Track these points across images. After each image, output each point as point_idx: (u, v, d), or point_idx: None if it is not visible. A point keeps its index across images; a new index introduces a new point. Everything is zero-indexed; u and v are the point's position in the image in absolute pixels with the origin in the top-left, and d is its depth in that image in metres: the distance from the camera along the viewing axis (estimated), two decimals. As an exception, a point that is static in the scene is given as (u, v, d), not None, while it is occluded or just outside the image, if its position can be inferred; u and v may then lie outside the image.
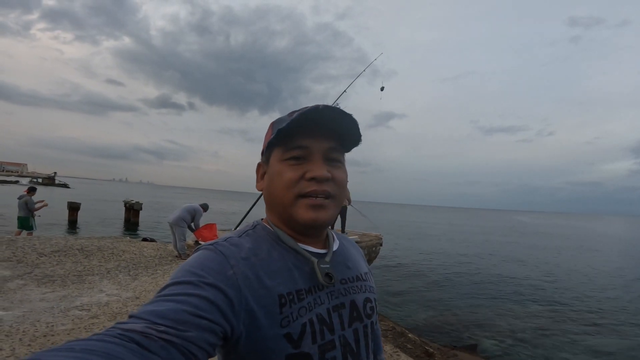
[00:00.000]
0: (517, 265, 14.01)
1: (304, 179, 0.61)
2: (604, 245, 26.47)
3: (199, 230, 8.17)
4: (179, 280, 0.52)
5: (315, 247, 0.67)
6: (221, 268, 0.54)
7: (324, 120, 0.61)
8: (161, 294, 0.50)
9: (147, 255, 7.01)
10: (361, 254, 0.83)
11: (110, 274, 5.50)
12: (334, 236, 0.75)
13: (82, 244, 7.19)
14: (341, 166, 0.66)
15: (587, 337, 6.39)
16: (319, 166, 0.61)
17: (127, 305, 4.23)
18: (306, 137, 0.62)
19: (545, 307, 8.26)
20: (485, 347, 5.78)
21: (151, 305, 0.47)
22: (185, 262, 0.57)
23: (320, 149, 0.63)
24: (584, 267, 14.60)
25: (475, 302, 8.34)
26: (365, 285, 0.72)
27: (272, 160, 0.66)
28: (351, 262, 0.73)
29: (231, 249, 0.58)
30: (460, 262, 14.13)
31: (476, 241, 23.13)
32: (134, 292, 4.70)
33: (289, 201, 0.62)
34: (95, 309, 4.04)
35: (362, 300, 0.68)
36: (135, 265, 6.14)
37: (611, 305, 8.53)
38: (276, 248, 0.63)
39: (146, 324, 0.43)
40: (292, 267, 0.61)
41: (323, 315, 0.60)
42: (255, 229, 0.67)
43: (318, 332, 0.58)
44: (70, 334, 3.29)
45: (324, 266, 0.62)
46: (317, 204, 0.61)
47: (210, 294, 0.50)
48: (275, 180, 0.64)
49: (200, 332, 0.45)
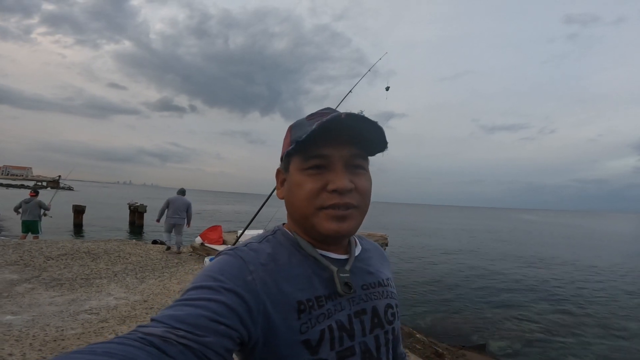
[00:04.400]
0: (525, 265, 13.90)
1: (326, 191, 0.59)
2: (614, 244, 26.16)
3: (205, 232, 8.19)
4: (199, 284, 0.52)
5: (336, 252, 0.66)
6: (240, 273, 0.54)
7: (349, 130, 0.58)
8: (181, 298, 0.50)
9: (154, 257, 7.03)
10: (384, 257, 0.81)
11: (117, 277, 5.50)
12: (357, 241, 0.74)
13: (89, 247, 7.22)
14: (364, 173, 0.63)
15: (598, 339, 6.29)
16: (340, 176, 0.58)
17: (135, 308, 4.22)
18: (326, 146, 0.59)
19: (555, 307, 8.16)
20: (494, 347, 5.72)
21: (171, 310, 0.48)
22: (206, 266, 0.57)
23: (342, 157, 0.60)
24: (594, 267, 14.43)
25: (483, 302, 8.26)
26: (387, 291, 0.70)
27: (292, 168, 0.63)
28: (373, 268, 0.72)
29: (251, 255, 0.58)
30: (467, 261, 14.03)
31: (483, 240, 22.98)
32: (142, 295, 4.70)
33: (310, 213, 0.60)
34: (104, 312, 4.04)
35: (383, 307, 0.67)
36: (142, 268, 6.15)
37: (624, 307, 8.40)
38: (296, 255, 0.62)
39: (166, 328, 0.44)
40: (312, 274, 0.60)
41: (343, 321, 0.59)
42: (275, 235, 0.66)
43: (337, 338, 0.57)
44: (81, 339, 3.29)
45: (344, 275, 0.61)
46: (340, 215, 0.59)
47: (229, 299, 0.50)
48: (295, 191, 0.62)
49: (217, 337, 0.46)
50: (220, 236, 8.17)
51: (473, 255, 15.68)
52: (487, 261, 14.33)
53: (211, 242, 7.83)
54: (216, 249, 7.33)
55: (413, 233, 26.59)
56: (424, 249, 17.22)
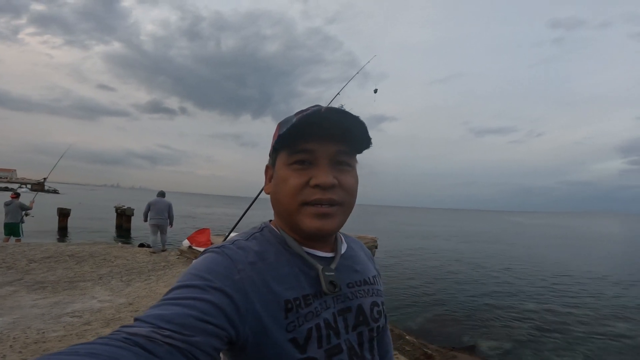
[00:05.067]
0: (513, 266, 14.08)
1: (309, 186, 0.58)
2: (601, 244, 26.69)
3: (193, 235, 8.10)
4: (186, 283, 0.51)
5: (322, 250, 0.66)
6: (228, 272, 0.54)
7: (329, 122, 0.58)
8: (167, 297, 0.49)
9: (140, 260, 6.91)
10: (370, 256, 0.82)
11: (102, 280, 5.40)
12: (342, 239, 0.74)
13: (74, 250, 7.08)
14: (351, 170, 0.63)
15: (585, 338, 6.40)
16: (324, 172, 0.58)
17: (120, 311, 4.15)
18: (311, 141, 0.59)
19: (542, 306, 8.28)
20: (484, 347, 5.77)
21: (157, 309, 0.47)
22: (193, 265, 0.56)
23: (327, 153, 0.59)
24: (581, 266, 14.70)
25: (472, 303, 8.32)
26: (373, 289, 0.71)
27: (278, 163, 0.63)
28: (359, 266, 0.72)
29: (239, 253, 0.58)
30: (457, 263, 14.15)
31: (473, 243, 23.19)
32: (127, 299, 4.61)
33: (293, 208, 0.60)
34: (88, 315, 3.96)
35: (369, 304, 0.67)
36: (128, 271, 6.05)
37: (610, 306, 8.56)
38: (283, 253, 0.62)
39: (152, 328, 0.43)
40: (299, 272, 0.60)
41: (329, 319, 0.59)
42: (262, 232, 0.66)
43: (324, 336, 0.57)
44: (62, 341, 3.22)
45: (329, 274, 0.61)
46: (323, 212, 0.58)
47: (217, 298, 0.50)
48: (280, 186, 0.62)
49: (205, 337, 0.45)
50: (209, 239, 8.08)
51: (463, 257, 15.81)
52: (477, 263, 14.47)
53: (199, 245, 7.74)
54: (205, 252, 7.26)
55: (403, 235, 26.68)
56: (414, 251, 17.31)
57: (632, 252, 21.64)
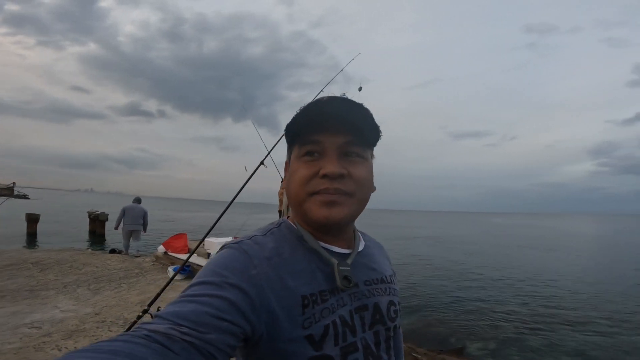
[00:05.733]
0: (494, 267, 14.33)
1: (318, 176, 0.59)
2: (575, 244, 27.60)
3: (169, 241, 7.83)
4: (203, 280, 0.52)
5: (339, 246, 0.66)
6: (245, 268, 0.54)
7: (333, 112, 0.59)
8: (185, 293, 0.51)
9: (111, 268, 6.62)
10: (387, 256, 0.82)
11: (67, 289, 5.12)
12: (361, 237, 0.74)
13: (39, 257, 6.72)
14: (362, 161, 0.62)
15: (567, 335, 6.56)
16: (332, 162, 0.59)
17: (85, 322, 3.93)
18: (319, 133, 0.60)
19: (524, 306, 8.44)
20: (472, 349, 5.78)
21: (175, 306, 0.48)
22: (210, 260, 0.57)
23: (334, 144, 0.60)
24: (559, 266, 15.13)
25: (458, 304, 8.36)
26: (390, 288, 0.71)
27: (292, 158, 0.65)
28: (376, 264, 0.72)
29: (255, 248, 0.58)
30: (440, 265, 14.26)
31: (454, 244, 23.51)
32: (93, 308, 4.39)
33: (302, 198, 0.61)
34: (48, 326, 3.74)
35: (386, 303, 0.67)
36: (97, 279, 5.76)
37: (589, 304, 8.81)
38: (299, 248, 0.62)
39: (169, 325, 0.44)
40: (315, 268, 0.60)
41: (345, 317, 0.59)
42: (279, 227, 0.66)
43: (341, 334, 0.57)
44: (19, 354, 3.03)
45: (344, 268, 0.61)
46: (329, 200, 0.59)
47: (233, 295, 0.50)
48: (291, 177, 0.63)
49: (220, 334, 0.46)
50: (186, 244, 7.83)
51: (444, 259, 15.96)
52: (459, 264, 14.64)
53: (175, 251, 7.48)
54: (181, 258, 7.02)
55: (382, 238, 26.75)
56: (396, 254, 17.42)
57: (602, 251, 22.47)
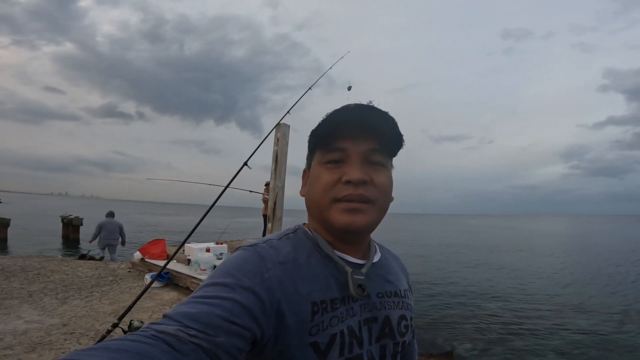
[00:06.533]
0: (476, 268, 14.54)
1: (341, 183, 0.59)
2: (551, 243, 28.52)
3: (145, 247, 7.50)
4: (216, 281, 0.52)
5: (354, 256, 0.65)
6: (258, 270, 0.54)
7: (359, 120, 0.59)
8: (197, 294, 0.50)
9: (82, 275, 6.26)
10: (404, 270, 0.81)
11: (32, 298, 4.77)
12: (377, 248, 0.73)
13: (4, 264, 6.30)
14: (384, 170, 0.63)
15: (551, 332, 6.69)
16: (355, 169, 0.59)
17: (51, 333, 3.65)
18: (344, 139, 0.60)
19: (508, 306, 8.56)
20: (460, 350, 5.78)
21: (185, 307, 0.47)
22: (224, 262, 0.57)
23: (359, 151, 0.60)
24: (537, 265, 15.54)
25: (443, 307, 8.41)
26: (403, 302, 0.69)
27: (313, 164, 0.65)
28: (392, 276, 0.71)
29: (270, 252, 0.58)
30: (422, 267, 14.32)
31: (435, 247, 23.76)
32: (61, 319, 4.09)
33: (325, 205, 0.60)
34: (10, 338, 3.45)
35: (397, 317, 0.66)
36: (66, 287, 5.42)
37: (568, 303, 9.01)
38: (314, 254, 0.61)
39: (179, 326, 0.43)
40: (329, 275, 0.60)
41: (354, 327, 0.58)
42: (295, 233, 0.66)
43: (347, 344, 0.56)
44: (-27, 370, 2.73)
45: (358, 277, 0.60)
46: (353, 207, 0.58)
47: (245, 298, 0.49)
48: (313, 183, 0.63)
49: (230, 337, 0.45)
50: (164, 250, 7.52)
51: (426, 261, 16.11)
52: (441, 266, 14.78)
53: (153, 257, 7.16)
54: (159, 264, 6.72)
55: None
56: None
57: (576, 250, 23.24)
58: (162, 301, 4.96)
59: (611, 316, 7.88)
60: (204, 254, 6.07)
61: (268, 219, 3.79)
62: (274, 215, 3.15)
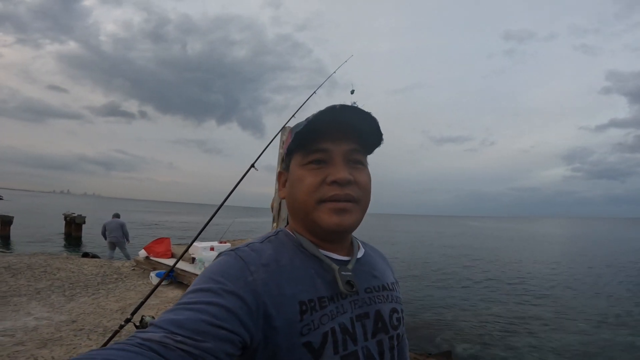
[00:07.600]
0: (476, 268, 14.55)
1: (326, 183, 0.59)
2: (552, 245, 28.51)
3: (150, 245, 7.59)
4: (199, 287, 0.51)
5: (338, 254, 0.65)
6: (241, 274, 0.54)
7: (343, 120, 0.59)
8: (182, 301, 0.50)
9: (88, 273, 6.35)
10: (388, 263, 0.81)
11: (40, 295, 4.87)
12: (359, 244, 0.74)
13: (10, 261, 6.38)
14: (364, 168, 0.64)
15: (548, 332, 6.73)
16: (340, 169, 0.59)
17: (60, 330, 3.74)
18: (326, 140, 0.60)
19: (508, 306, 8.61)
20: (459, 350, 5.82)
21: (171, 314, 0.47)
22: (207, 268, 0.57)
23: (341, 151, 0.61)
24: (537, 267, 15.53)
25: (442, 306, 8.44)
26: (392, 295, 0.70)
27: (292, 166, 0.64)
28: (378, 271, 0.71)
29: (252, 255, 0.58)
30: (421, 268, 14.37)
31: (436, 247, 23.77)
32: (69, 315, 4.18)
33: (311, 206, 0.60)
34: (21, 334, 3.54)
35: (388, 311, 0.66)
36: (73, 285, 5.51)
37: (567, 305, 9.04)
38: (298, 255, 0.61)
39: (165, 334, 0.43)
40: (314, 274, 0.60)
41: (346, 324, 0.58)
42: (277, 235, 0.66)
43: (340, 342, 0.56)
44: (-13, 366, 2.82)
45: (346, 274, 0.60)
46: (341, 207, 0.59)
47: (230, 302, 0.49)
48: (296, 186, 0.62)
49: (217, 342, 0.45)
50: (168, 249, 7.60)
51: (425, 262, 16.13)
52: (440, 266, 14.81)
53: (157, 256, 7.26)
54: (163, 262, 6.81)
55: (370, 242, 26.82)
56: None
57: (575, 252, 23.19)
58: (166, 299, 5.05)
59: (609, 317, 7.93)
60: (208, 252, 6.20)
61: (273, 219, 3.86)
62: (279, 215, 3.23)
